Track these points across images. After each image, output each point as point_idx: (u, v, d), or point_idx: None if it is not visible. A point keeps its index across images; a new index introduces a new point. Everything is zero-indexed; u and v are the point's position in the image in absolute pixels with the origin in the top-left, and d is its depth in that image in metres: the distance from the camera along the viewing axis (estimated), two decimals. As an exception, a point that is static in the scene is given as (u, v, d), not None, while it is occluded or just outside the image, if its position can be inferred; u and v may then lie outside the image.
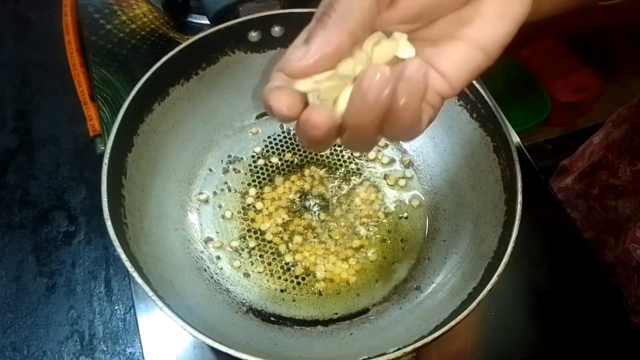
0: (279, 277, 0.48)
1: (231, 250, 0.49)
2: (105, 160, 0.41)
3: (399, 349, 0.36)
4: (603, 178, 0.67)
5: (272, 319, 0.45)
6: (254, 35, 0.51)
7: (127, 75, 0.60)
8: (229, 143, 0.54)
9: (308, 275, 0.48)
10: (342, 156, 0.54)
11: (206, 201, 0.51)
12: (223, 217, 0.50)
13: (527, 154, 0.57)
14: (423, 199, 0.52)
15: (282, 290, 0.47)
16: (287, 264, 0.48)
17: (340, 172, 0.53)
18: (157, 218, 0.46)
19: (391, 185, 0.53)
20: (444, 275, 0.46)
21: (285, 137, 0.55)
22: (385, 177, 0.53)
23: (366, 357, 0.36)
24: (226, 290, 0.46)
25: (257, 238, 0.49)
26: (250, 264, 0.48)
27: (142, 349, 0.46)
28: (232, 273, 0.47)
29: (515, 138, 0.57)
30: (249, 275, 0.47)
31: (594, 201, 0.68)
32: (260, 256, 0.48)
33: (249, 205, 0.51)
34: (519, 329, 0.49)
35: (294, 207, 0.51)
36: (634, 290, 0.59)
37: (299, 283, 0.47)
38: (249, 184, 0.52)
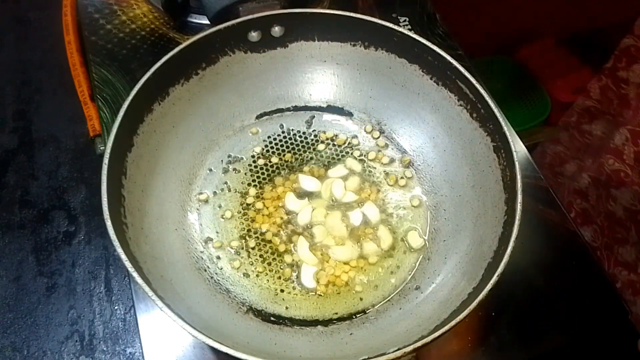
0: (279, 277, 0.47)
1: (231, 250, 0.49)
2: (105, 160, 0.41)
3: (399, 349, 0.36)
4: (579, 102, 0.70)
5: (272, 319, 0.45)
6: (254, 35, 0.51)
7: (127, 75, 0.60)
8: (229, 143, 0.54)
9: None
10: (343, 156, 0.54)
11: (206, 201, 0.51)
12: (223, 217, 0.50)
13: (527, 154, 0.57)
14: (423, 199, 0.52)
15: (281, 290, 0.47)
16: (287, 264, 0.48)
17: (340, 173, 0.53)
18: (157, 218, 0.46)
19: (391, 185, 0.53)
20: (444, 275, 0.46)
21: (285, 137, 0.55)
22: (386, 176, 0.53)
23: (366, 357, 0.36)
24: (226, 290, 0.46)
25: (257, 238, 0.49)
26: (250, 264, 0.48)
27: (142, 349, 0.46)
28: (232, 273, 0.47)
29: (516, 138, 0.57)
30: (249, 275, 0.47)
31: (573, 129, 0.71)
32: (261, 256, 0.48)
33: (248, 205, 0.51)
34: (519, 329, 0.49)
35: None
36: (603, 207, 0.61)
37: (299, 283, 0.47)
38: (249, 184, 0.52)
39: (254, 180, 0.52)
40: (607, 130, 0.66)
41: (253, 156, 0.54)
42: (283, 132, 0.55)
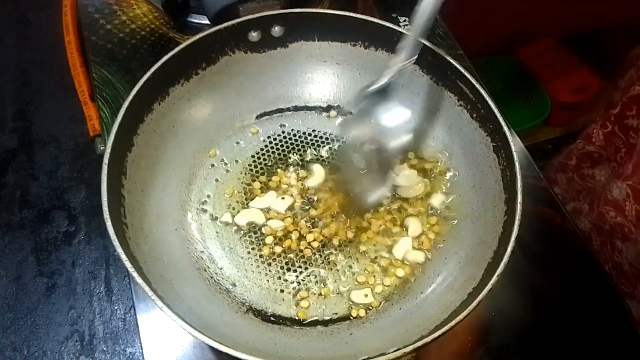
0: (279, 277, 0.47)
1: (231, 249, 0.49)
2: (105, 160, 0.41)
3: (399, 349, 0.36)
4: (579, 147, 0.68)
5: (272, 319, 0.45)
6: (254, 35, 0.51)
7: (127, 75, 0.60)
8: (229, 143, 0.54)
9: (308, 275, 0.48)
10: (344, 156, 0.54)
11: (207, 201, 0.51)
12: (223, 217, 0.50)
13: (527, 154, 0.57)
14: (423, 199, 0.52)
15: (281, 290, 0.47)
16: (287, 263, 0.48)
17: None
18: (157, 218, 0.46)
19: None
20: (444, 275, 0.46)
21: (285, 137, 0.55)
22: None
23: (366, 357, 0.36)
24: (226, 290, 0.46)
25: (256, 238, 0.49)
26: (250, 264, 0.48)
27: (142, 349, 0.45)
28: (232, 273, 0.47)
29: (516, 138, 0.57)
30: (249, 276, 0.47)
31: (572, 172, 0.70)
32: (260, 256, 0.48)
33: (249, 205, 0.51)
34: (519, 329, 0.49)
35: (294, 207, 0.51)
36: (610, 256, 0.60)
37: (299, 283, 0.47)
38: (249, 184, 0.52)
39: (254, 181, 0.52)
40: (610, 177, 0.64)
41: (253, 156, 0.54)
42: (283, 132, 0.55)
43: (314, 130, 0.55)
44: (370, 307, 0.46)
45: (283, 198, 0.51)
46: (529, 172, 0.56)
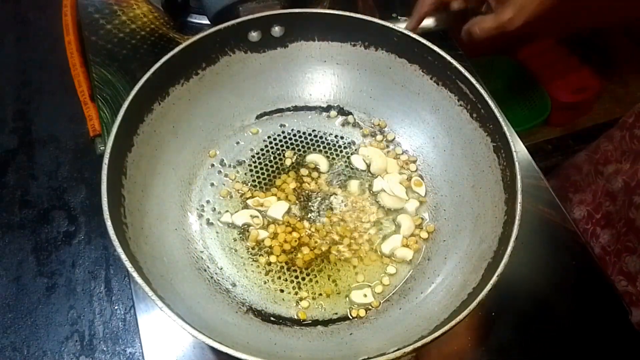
0: (279, 277, 0.47)
1: (231, 249, 0.49)
2: (105, 160, 0.41)
3: (399, 349, 0.36)
4: None
5: (272, 319, 0.45)
6: (254, 35, 0.51)
7: (127, 75, 0.60)
8: (229, 143, 0.54)
9: (308, 275, 0.48)
10: (343, 156, 0.54)
11: (207, 201, 0.51)
12: (223, 217, 0.50)
13: (527, 154, 0.57)
14: (423, 198, 0.52)
15: (282, 290, 0.47)
16: (286, 263, 0.48)
17: (339, 172, 0.53)
18: (157, 218, 0.46)
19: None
20: (444, 275, 0.46)
21: (285, 137, 0.55)
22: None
23: (366, 357, 0.36)
24: (226, 290, 0.46)
25: (255, 240, 0.49)
26: (250, 264, 0.48)
27: (142, 349, 0.46)
28: (232, 273, 0.47)
29: (516, 138, 0.57)
30: (249, 276, 0.47)
31: (627, 130, 0.68)
32: (260, 256, 0.48)
33: (248, 206, 0.51)
34: (519, 329, 0.49)
35: (293, 206, 0.51)
36: (625, 213, 0.59)
37: (298, 283, 0.47)
38: (249, 184, 0.52)
39: (254, 180, 0.52)
40: None
41: (253, 156, 0.54)
42: (283, 132, 0.55)
43: (314, 130, 0.55)
44: (370, 307, 0.46)
45: (282, 199, 0.51)
46: (529, 172, 0.56)
